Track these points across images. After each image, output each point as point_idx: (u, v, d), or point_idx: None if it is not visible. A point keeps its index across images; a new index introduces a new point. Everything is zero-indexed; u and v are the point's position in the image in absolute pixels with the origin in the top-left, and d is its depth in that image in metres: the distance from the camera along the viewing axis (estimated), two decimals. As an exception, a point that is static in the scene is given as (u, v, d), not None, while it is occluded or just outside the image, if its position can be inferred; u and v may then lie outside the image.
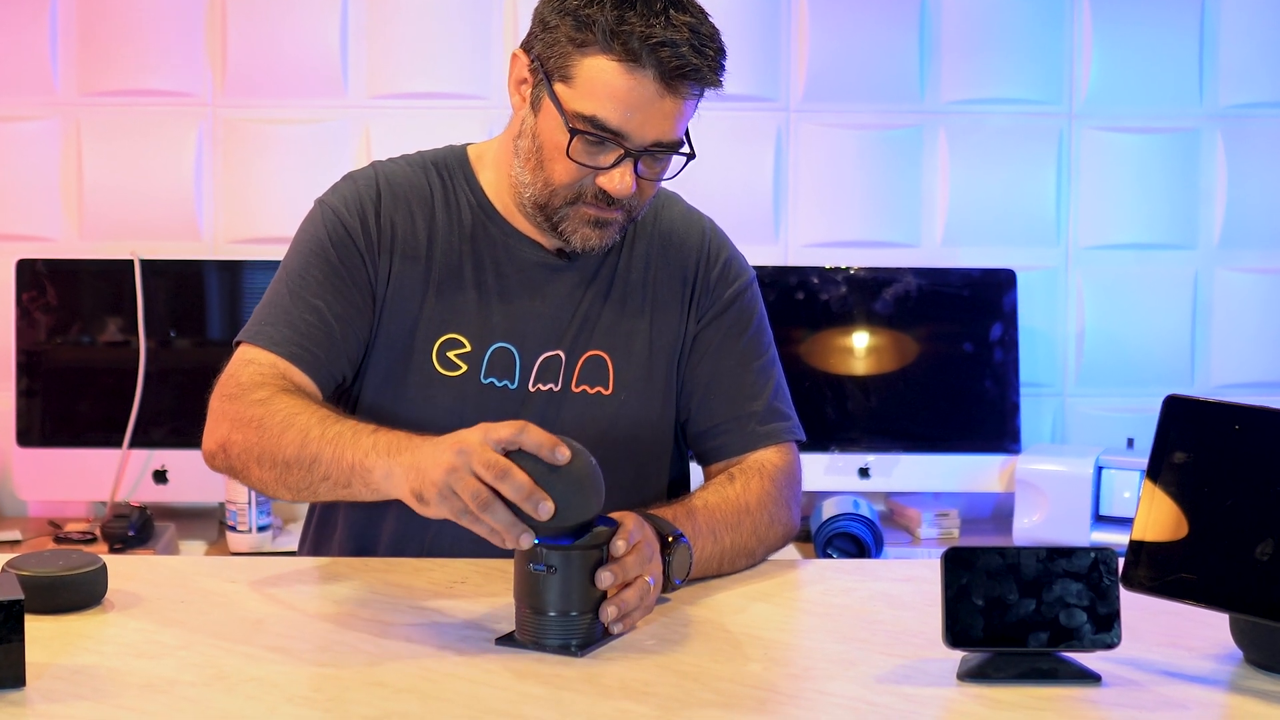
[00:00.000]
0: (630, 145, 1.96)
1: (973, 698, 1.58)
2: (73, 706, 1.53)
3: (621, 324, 2.14)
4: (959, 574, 1.62)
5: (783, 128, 3.71)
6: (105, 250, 3.59)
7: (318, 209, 2.14)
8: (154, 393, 3.48)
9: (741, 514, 2.05)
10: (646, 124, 1.95)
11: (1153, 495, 1.69)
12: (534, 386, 2.11)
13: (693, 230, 2.21)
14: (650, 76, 1.93)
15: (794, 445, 2.19)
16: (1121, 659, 1.67)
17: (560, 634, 1.71)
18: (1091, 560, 1.62)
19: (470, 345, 2.10)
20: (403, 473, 1.77)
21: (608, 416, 2.12)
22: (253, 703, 1.55)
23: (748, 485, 2.09)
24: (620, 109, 1.94)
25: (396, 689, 1.58)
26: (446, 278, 2.11)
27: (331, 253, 2.09)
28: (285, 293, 2.08)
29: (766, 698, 1.58)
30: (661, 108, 1.95)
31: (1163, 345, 3.77)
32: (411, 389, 2.10)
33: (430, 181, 2.15)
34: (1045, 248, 3.76)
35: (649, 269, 2.17)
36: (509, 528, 1.68)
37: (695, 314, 2.18)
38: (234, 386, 2.00)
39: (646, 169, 2.00)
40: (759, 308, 2.23)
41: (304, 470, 1.89)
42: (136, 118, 3.63)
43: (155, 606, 1.85)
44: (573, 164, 1.98)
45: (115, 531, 3.32)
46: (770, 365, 2.21)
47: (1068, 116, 3.75)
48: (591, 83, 1.94)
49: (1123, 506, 3.39)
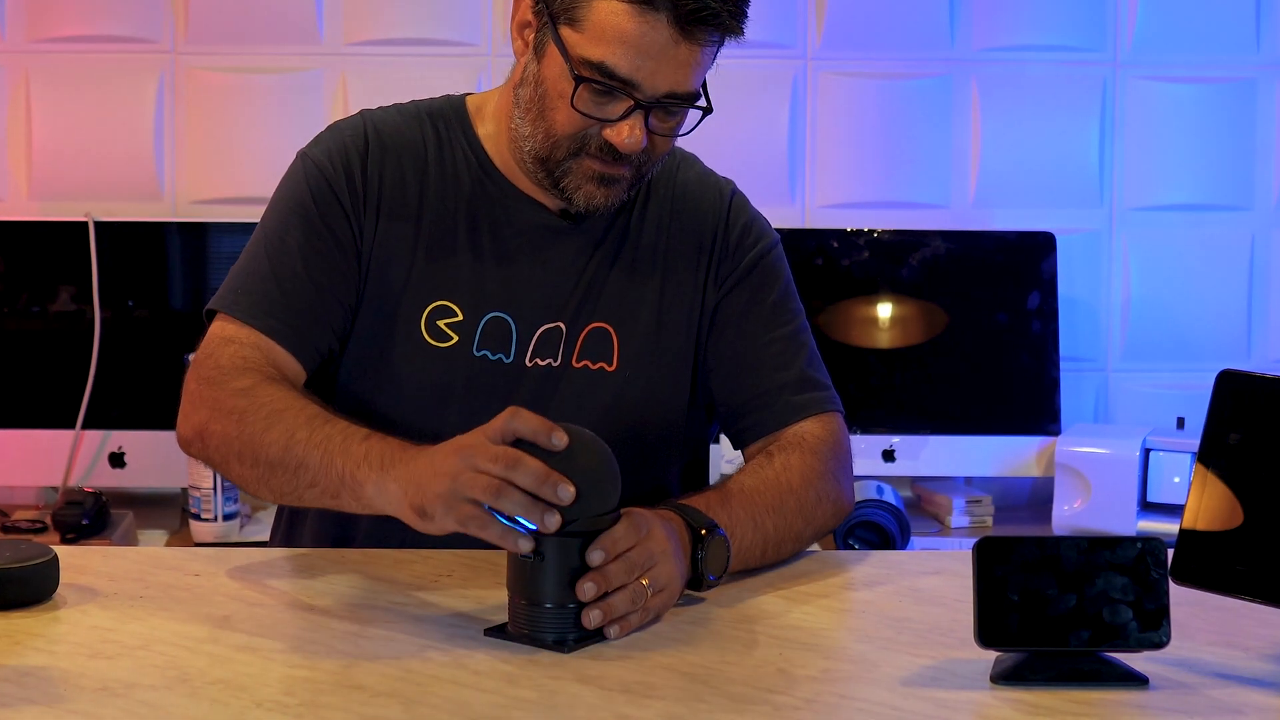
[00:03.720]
0: (641, 96, 1.95)
1: (1007, 702, 1.58)
2: (21, 712, 1.53)
3: (629, 293, 2.14)
4: (992, 566, 1.62)
5: (799, 77, 3.71)
6: (57, 211, 3.59)
7: (299, 162, 2.13)
8: (110, 368, 3.48)
9: (784, 494, 2.03)
10: (659, 73, 1.94)
11: (1205, 480, 1.68)
12: (530, 361, 2.10)
13: (710, 193, 2.21)
14: (665, 21, 1.92)
15: (837, 415, 2.18)
16: (1170, 660, 1.67)
17: (555, 627, 1.71)
18: (1138, 551, 1.62)
19: (462, 314, 2.10)
20: (399, 488, 1.78)
21: (610, 395, 2.12)
22: (218, 707, 1.54)
23: (788, 463, 2.08)
24: (631, 55, 1.93)
25: (376, 692, 1.58)
26: (438, 239, 2.11)
27: (313, 211, 2.09)
28: (263, 256, 2.08)
29: (782, 702, 1.58)
30: (676, 55, 1.94)
31: (1216, 315, 3.77)
32: (397, 360, 2.09)
33: (425, 134, 2.14)
34: (1087, 209, 3.76)
35: (661, 233, 2.17)
36: (529, 509, 1.67)
37: (714, 282, 2.18)
38: (213, 369, 2.00)
39: (658, 122, 1.99)
40: (784, 272, 2.23)
41: (289, 474, 1.89)
42: (91, 66, 3.63)
43: (111, 602, 1.85)
44: (577, 114, 1.98)
45: (68, 520, 3.32)
46: (800, 332, 2.21)
47: (1112, 65, 3.74)
48: (601, 26, 1.93)
49: (1172, 492, 3.39)
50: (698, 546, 1.85)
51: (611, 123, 1.97)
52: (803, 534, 2.06)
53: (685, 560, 1.84)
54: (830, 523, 2.11)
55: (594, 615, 1.70)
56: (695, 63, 1.96)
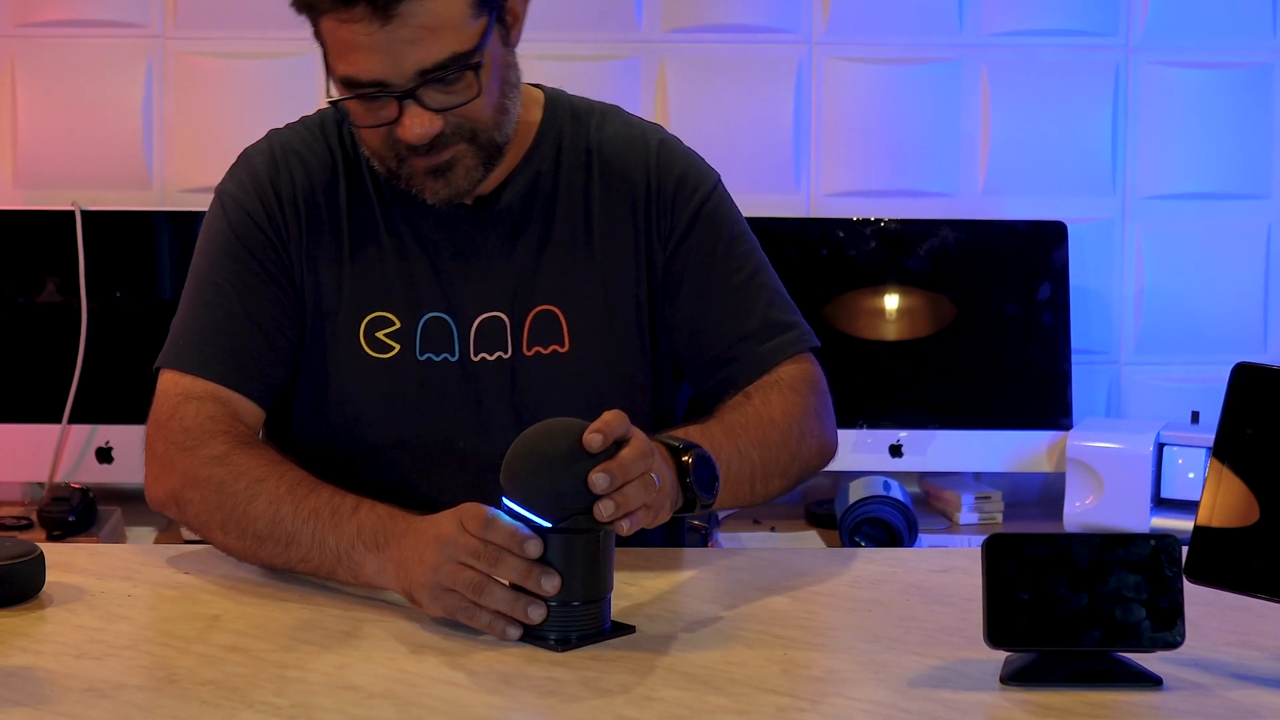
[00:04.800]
0: (397, 89, 1.95)
1: (1018, 703, 1.58)
2: (6, 713, 1.53)
3: (568, 269, 2.14)
4: (1002, 565, 1.62)
5: (804, 63, 3.70)
6: (42, 200, 3.58)
7: (216, 201, 2.17)
8: (97, 361, 3.47)
9: (766, 427, 2.04)
10: (395, 61, 1.94)
11: (1220, 475, 1.68)
12: (477, 356, 2.11)
13: (634, 148, 2.19)
14: (365, 14, 1.91)
15: (809, 355, 2.18)
16: (1185, 660, 1.67)
17: (558, 626, 1.71)
18: (1151, 549, 1.62)
19: (399, 321, 2.11)
20: (393, 570, 1.81)
21: (568, 377, 2.12)
22: (208, 708, 1.54)
23: (767, 399, 2.09)
24: (361, 58, 1.94)
25: (370, 693, 1.58)
26: (362, 248, 2.12)
27: (240, 248, 2.12)
28: (200, 304, 2.11)
29: (786, 704, 1.58)
30: (399, 36, 1.92)
31: (1232, 306, 3.77)
32: (346, 377, 2.11)
33: (330, 145, 2.16)
34: (1100, 197, 3.75)
35: (590, 202, 2.16)
36: (513, 605, 1.70)
37: (659, 240, 2.17)
38: (181, 433, 2.02)
39: (441, 97, 1.97)
40: (729, 212, 2.21)
41: (279, 547, 1.92)
42: (77, 51, 3.62)
43: (99, 601, 1.85)
44: (370, 130, 2.00)
45: (53, 516, 3.32)
46: (757, 273, 2.19)
47: (1125, 49, 3.73)
48: (331, 45, 1.97)
49: (1186, 488, 3.39)
50: (682, 468, 1.85)
51: (396, 122, 1.98)
52: (789, 469, 2.07)
53: (675, 482, 1.84)
54: (815, 461, 2.13)
55: (606, 507, 1.69)
56: (424, 32, 1.93)
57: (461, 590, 1.72)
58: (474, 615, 1.72)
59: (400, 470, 2.10)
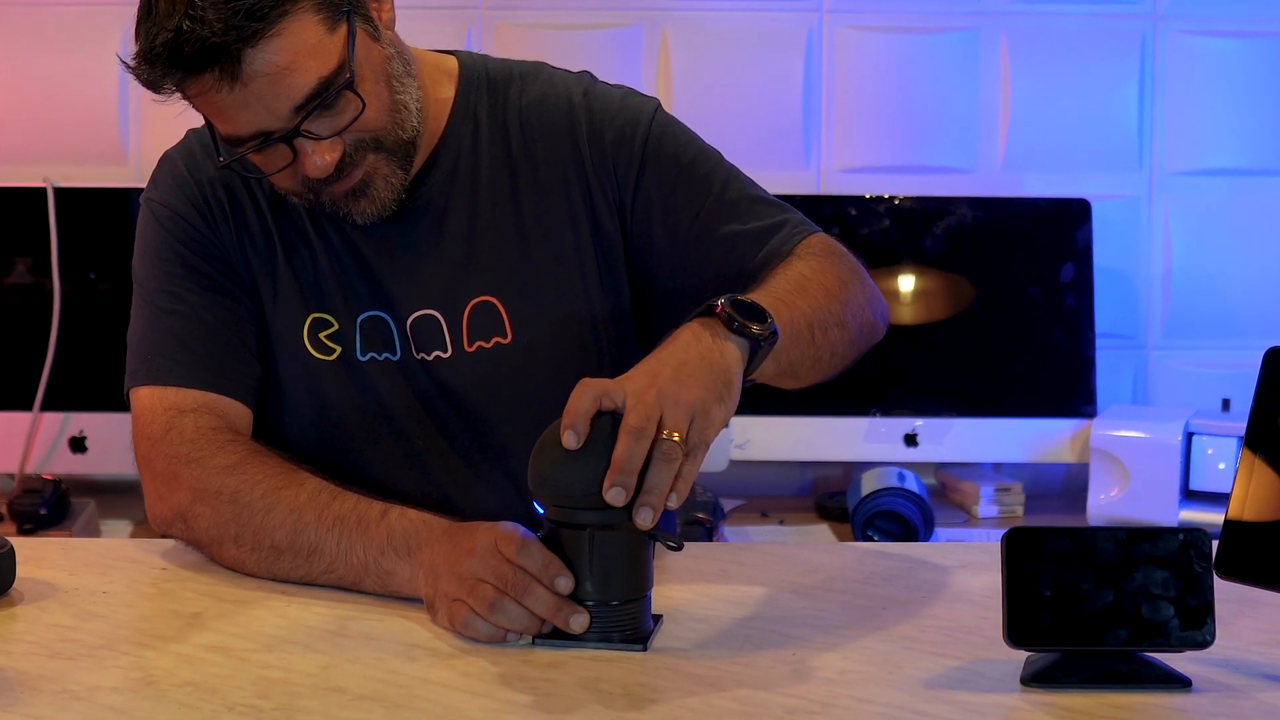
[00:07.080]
0: (279, 133, 1.93)
1: (1039, 706, 1.58)
2: (-26, 716, 1.53)
3: (501, 257, 2.12)
4: (1023, 560, 1.62)
5: (814, 32, 3.70)
6: (13, 177, 3.59)
7: (145, 210, 2.16)
8: (71, 345, 3.48)
9: (803, 281, 1.96)
10: (266, 110, 1.92)
11: (1251, 466, 1.68)
12: (418, 354, 2.11)
13: (559, 109, 2.15)
14: (215, 80, 1.90)
15: (818, 232, 2.12)
16: (1215, 660, 1.67)
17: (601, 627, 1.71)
18: (1180, 543, 1.62)
19: (338, 322, 2.12)
20: (424, 576, 1.81)
21: (515, 370, 2.10)
22: (187, 710, 1.54)
23: (789, 264, 2.01)
24: (232, 117, 1.93)
25: (357, 695, 1.58)
26: (294, 247, 2.13)
27: (183, 252, 2.12)
28: (159, 315, 2.11)
29: (796, 706, 1.58)
30: (258, 87, 1.90)
31: (1264, 288, 3.77)
32: (297, 379, 2.12)
33: None
34: (1125, 173, 3.76)
35: (516, 176, 2.13)
36: (529, 624, 1.70)
37: (611, 199, 2.13)
38: (182, 446, 2.00)
39: (330, 120, 1.95)
40: (676, 132, 2.15)
41: (300, 559, 1.91)
42: (49, 21, 3.62)
43: (72, 598, 1.85)
44: (277, 176, 2.00)
45: (25, 509, 3.33)
46: (727, 187, 2.12)
47: (1152, 18, 3.74)
48: (203, 111, 1.97)
49: (1216, 480, 3.39)
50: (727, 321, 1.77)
51: (295, 162, 1.96)
52: (844, 319, 1.98)
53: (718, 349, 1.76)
54: (868, 317, 2.04)
55: (644, 516, 1.66)
56: (283, 72, 1.90)
57: (477, 606, 1.70)
58: (475, 626, 1.71)
59: (364, 473, 2.09)
